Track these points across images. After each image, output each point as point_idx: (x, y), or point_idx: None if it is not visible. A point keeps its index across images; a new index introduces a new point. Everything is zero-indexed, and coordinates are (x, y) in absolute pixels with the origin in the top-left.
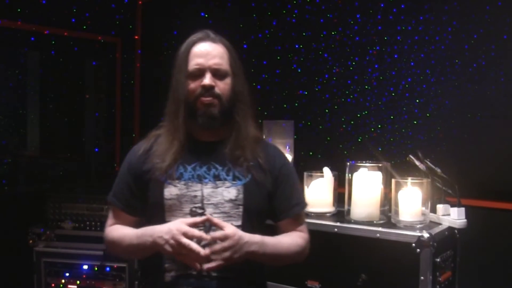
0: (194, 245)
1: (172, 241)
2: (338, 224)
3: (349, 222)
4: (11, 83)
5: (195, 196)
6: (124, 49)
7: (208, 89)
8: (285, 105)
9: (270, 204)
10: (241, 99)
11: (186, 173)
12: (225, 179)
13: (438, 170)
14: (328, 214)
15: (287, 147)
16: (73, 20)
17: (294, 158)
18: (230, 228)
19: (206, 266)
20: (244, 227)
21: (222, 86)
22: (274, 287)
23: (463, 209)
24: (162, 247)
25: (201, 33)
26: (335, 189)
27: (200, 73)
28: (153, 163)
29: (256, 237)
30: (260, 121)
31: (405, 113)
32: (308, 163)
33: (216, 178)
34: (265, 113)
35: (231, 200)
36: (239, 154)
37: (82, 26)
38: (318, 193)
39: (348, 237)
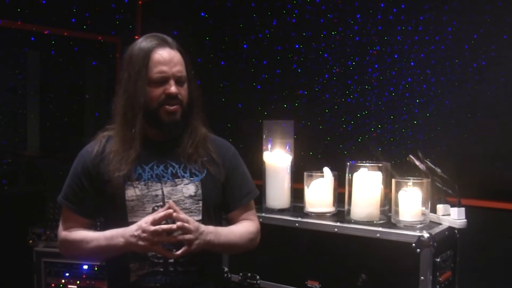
0: (164, 226)
1: (144, 234)
2: (338, 224)
3: (349, 222)
4: (11, 83)
5: (156, 196)
6: (124, 49)
7: (173, 97)
8: (285, 105)
9: (224, 196)
10: (196, 102)
11: (145, 174)
12: (183, 176)
13: (438, 170)
14: (328, 214)
15: (287, 147)
16: (73, 20)
17: (294, 158)
18: (190, 218)
19: (177, 252)
20: (204, 221)
21: (183, 93)
22: (274, 287)
23: (463, 209)
24: (136, 244)
25: (156, 38)
26: (335, 189)
27: (163, 80)
28: (111, 167)
29: (210, 227)
30: (260, 121)
31: (405, 113)
32: (308, 163)
33: (174, 176)
34: (265, 113)
35: (191, 196)
36: (192, 152)
37: (82, 26)
38: (318, 193)
39: (348, 237)
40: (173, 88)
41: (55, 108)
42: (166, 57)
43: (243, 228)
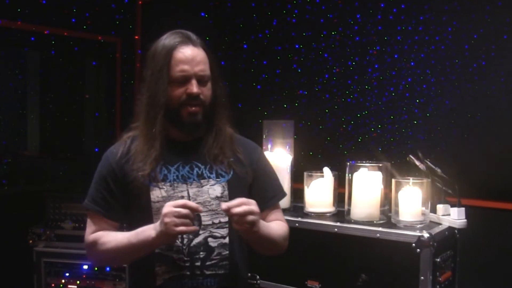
0: (191, 203)
1: (175, 219)
2: (338, 224)
3: (349, 222)
4: (11, 83)
5: (182, 197)
6: (124, 49)
7: (195, 97)
8: (285, 105)
9: (251, 197)
10: (220, 102)
11: (170, 174)
12: (209, 177)
13: (438, 170)
14: (328, 214)
15: (287, 147)
16: (73, 20)
17: (294, 158)
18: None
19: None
20: (231, 223)
21: (206, 92)
22: (274, 287)
23: (463, 209)
24: (169, 230)
25: (180, 35)
26: (335, 189)
27: (184, 79)
28: (134, 167)
29: None
30: (260, 121)
31: (405, 113)
32: (308, 163)
33: (200, 177)
34: (265, 113)
35: (217, 197)
36: (218, 152)
37: (82, 26)
38: (318, 193)
39: (348, 237)
40: (194, 88)
41: (55, 108)
42: (189, 56)
43: (278, 226)
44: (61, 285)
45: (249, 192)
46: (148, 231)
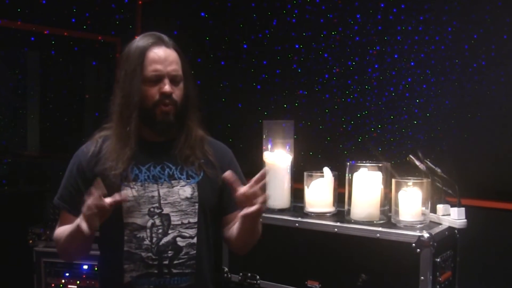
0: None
1: (91, 210)
2: (338, 224)
3: (349, 222)
4: (11, 83)
5: (153, 197)
6: (124, 49)
7: (168, 96)
8: (285, 105)
9: (221, 198)
10: (191, 102)
11: (142, 174)
12: (180, 178)
13: (438, 170)
14: (328, 214)
15: (287, 147)
16: (73, 20)
17: (294, 158)
18: None
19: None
20: (200, 223)
21: (178, 92)
22: (274, 287)
23: (463, 209)
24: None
25: (153, 37)
26: (335, 189)
27: (157, 79)
28: (105, 166)
29: None
30: (260, 121)
31: (405, 113)
32: (308, 163)
33: (171, 177)
34: (265, 113)
35: (187, 198)
36: (189, 153)
37: (82, 26)
38: (318, 193)
39: (348, 237)
40: (167, 87)
41: (55, 108)
42: (161, 56)
43: None
44: (61, 285)
45: (221, 194)
46: (77, 220)
